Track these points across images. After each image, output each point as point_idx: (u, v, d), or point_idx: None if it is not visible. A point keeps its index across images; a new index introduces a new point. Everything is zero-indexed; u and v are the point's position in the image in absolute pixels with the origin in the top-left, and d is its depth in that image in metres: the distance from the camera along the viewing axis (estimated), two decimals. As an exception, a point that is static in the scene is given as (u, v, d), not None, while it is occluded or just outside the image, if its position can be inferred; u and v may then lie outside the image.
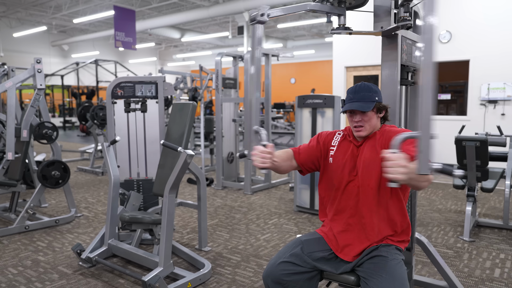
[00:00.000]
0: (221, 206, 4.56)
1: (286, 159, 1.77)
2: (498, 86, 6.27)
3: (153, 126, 3.51)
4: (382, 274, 1.50)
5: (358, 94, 1.66)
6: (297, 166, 1.81)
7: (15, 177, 3.91)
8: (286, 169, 1.78)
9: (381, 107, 1.68)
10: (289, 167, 1.80)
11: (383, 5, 1.94)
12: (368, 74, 7.68)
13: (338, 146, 1.76)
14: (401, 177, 1.24)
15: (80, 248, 2.91)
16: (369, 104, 1.63)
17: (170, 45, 21.62)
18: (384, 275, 1.50)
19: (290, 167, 1.81)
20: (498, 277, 2.70)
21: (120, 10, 11.20)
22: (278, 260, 1.64)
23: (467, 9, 6.46)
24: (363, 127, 1.66)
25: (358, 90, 1.67)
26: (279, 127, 11.77)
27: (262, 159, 1.53)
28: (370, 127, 1.66)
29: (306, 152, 1.81)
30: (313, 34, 17.08)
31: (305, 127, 4.31)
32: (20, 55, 16.46)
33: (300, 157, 1.80)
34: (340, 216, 1.70)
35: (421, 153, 1.13)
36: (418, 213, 4.21)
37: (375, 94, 1.66)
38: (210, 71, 6.45)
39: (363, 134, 1.67)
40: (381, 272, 1.51)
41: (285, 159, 1.77)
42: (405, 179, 1.25)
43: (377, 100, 1.66)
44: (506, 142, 3.86)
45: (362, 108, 1.62)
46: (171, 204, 2.53)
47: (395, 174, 1.24)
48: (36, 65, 3.70)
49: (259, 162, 1.53)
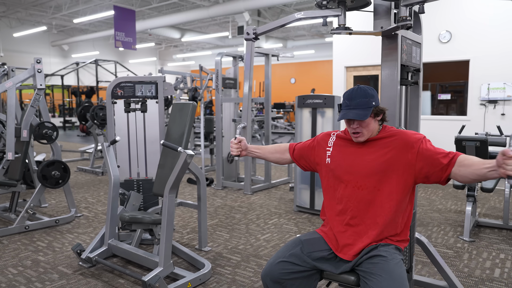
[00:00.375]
0: (221, 206, 4.56)
1: (274, 152, 1.98)
2: (498, 86, 6.27)
3: (153, 126, 3.50)
4: (382, 274, 1.50)
5: (355, 100, 1.62)
6: (291, 160, 1.96)
7: (15, 177, 3.91)
8: (275, 160, 1.98)
9: (378, 111, 1.65)
10: (280, 159, 1.98)
11: (383, 5, 1.94)
12: (368, 74, 7.68)
13: (334, 147, 1.77)
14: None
15: (80, 248, 2.91)
16: (366, 112, 1.60)
17: (170, 45, 21.62)
18: (384, 275, 1.50)
19: (282, 160, 1.98)
20: (498, 277, 2.70)
21: (120, 10, 11.19)
22: (277, 259, 1.64)
23: (467, 9, 6.46)
24: (361, 133, 1.66)
25: (354, 96, 1.63)
26: (279, 127, 11.76)
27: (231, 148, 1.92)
28: (368, 132, 1.66)
29: (300, 149, 1.91)
30: (313, 34, 17.08)
31: (305, 127, 4.31)
32: (20, 55, 16.46)
33: (294, 153, 1.93)
34: (341, 216, 1.70)
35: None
36: (418, 213, 4.21)
37: (371, 99, 1.63)
38: (210, 71, 6.45)
39: (361, 140, 1.67)
40: (381, 272, 1.51)
41: (272, 151, 1.98)
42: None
43: (374, 105, 1.63)
44: (506, 142, 3.86)
45: (359, 117, 1.59)
46: (171, 204, 2.53)
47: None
48: (36, 65, 3.70)
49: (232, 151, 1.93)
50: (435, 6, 6.64)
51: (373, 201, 1.64)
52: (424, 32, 2.36)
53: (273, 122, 11.41)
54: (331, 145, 1.78)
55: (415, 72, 2.29)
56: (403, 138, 1.64)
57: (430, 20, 6.63)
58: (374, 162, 1.63)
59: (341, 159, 1.72)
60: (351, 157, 1.70)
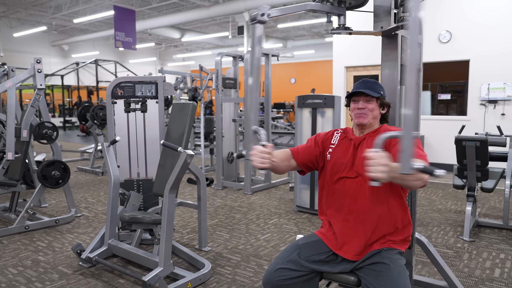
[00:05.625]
0: (221, 206, 4.56)
1: (284, 159, 1.79)
2: (498, 86, 6.27)
3: (153, 126, 3.51)
4: (386, 284, 1.51)
5: (366, 84, 1.73)
6: (296, 166, 1.83)
7: (15, 177, 3.91)
8: (284, 169, 1.80)
9: (384, 102, 1.75)
10: (287, 167, 1.81)
11: (383, 5, 1.94)
12: (368, 74, 7.67)
13: (337, 144, 1.79)
14: (381, 175, 1.25)
15: (80, 248, 2.91)
16: (374, 92, 1.69)
17: (170, 45, 21.62)
18: (388, 285, 1.50)
19: (288, 167, 1.82)
20: (498, 277, 2.70)
21: (120, 10, 11.19)
22: (275, 266, 1.65)
23: (467, 9, 6.45)
24: (365, 114, 1.70)
25: (365, 81, 1.75)
26: (279, 127, 11.76)
27: (261, 159, 1.52)
28: (372, 117, 1.70)
29: (304, 152, 1.83)
30: (313, 34, 17.08)
31: (305, 127, 4.31)
32: (20, 55, 16.46)
33: (299, 156, 1.82)
34: (339, 212, 1.71)
35: (403, 152, 1.13)
36: (418, 213, 4.20)
37: (380, 88, 1.75)
38: (210, 71, 6.45)
39: (364, 121, 1.70)
40: (384, 281, 1.52)
41: (283, 159, 1.78)
42: (386, 177, 1.25)
43: (382, 94, 1.72)
44: (506, 142, 3.86)
45: (369, 92, 1.68)
46: (171, 204, 2.53)
47: (375, 172, 1.25)
48: (36, 65, 3.70)
49: (258, 162, 1.52)
50: (435, 6, 6.64)
51: (368, 197, 1.64)
52: (424, 32, 2.36)
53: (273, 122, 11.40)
54: (334, 143, 1.80)
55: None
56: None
57: (430, 20, 6.63)
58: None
59: (341, 156, 1.74)
60: (348, 152, 1.72)
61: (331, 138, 1.82)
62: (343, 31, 1.93)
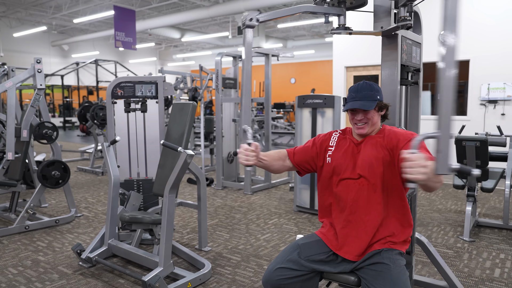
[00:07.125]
0: (221, 206, 4.56)
1: (278, 159, 1.80)
2: (498, 86, 6.27)
3: (153, 126, 3.50)
4: (386, 284, 1.51)
5: (360, 93, 1.68)
6: (292, 166, 1.84)
7: (15, 177, 3.91)
8: (278, 168, 1.81)
9: (382, 105, 1.71)
10: (282, 167, 1.83)
11: (383, 5, 1.94)
12: (368, 74, 7.67)
13: (336, 146, 1.78)
14: (421, 177, 1.23)
15: (80, 248, 2.91)
16: (371, 103, 1.65)
17: (170, 45, 21.61)
18: (388, 285, 1.51)
19: (283, 167, 1.83)
20: (498, 277, 2.70)
21: (120, 10, 11.19)
22: (275, 266, 1.65)
23: (467, 9, 6.45)
24: (366, 124, 1.68)
25: (360, 89, 1.69)
26: (279, 127, 11.76)
27: (246, 156, 1.59)
28: (372, 125, 1.69)
29: (301, 153, 1.83)
30: (313, 34, 17.08)
31: (305, 127, 4.31)
32: (20, 55, 16.46)
33: (295, 158, 1.83)
34: (341, 213, 1.71)
35: (440, 153, 1.12)
36: (418, 213, 4.20)
37: (376, 93, 1.68)
38: (210, 71, 6.45)
39: (364, 132, 1.69)
40: (384, 282, 1.52)
41: (276, 158, 1.80)
42: (425, 179, 1.24)
43: (378, 99, 1.68)
44: (506, 142, 3.86)
45: (364, 107, 1.64)
46: (171, 204, 2.53)
47: (415, 174, 1.24)
48: (36, 65, 3.70)
49: (243, 159, 1.59)
50: (435, 6, 6.64)
51: (370, 198, 1.64)
52: (424, 32, 2.36)
53: (273, 122, 11.41)
54: (333, 145, 1.79)
55: (415, 72, 2.29)
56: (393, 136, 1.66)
57: (430, 20, 6.63)
58: (370, 159, 1.65)
59: (342, 157, 1.73)
60: (350, 154, 1.71)
61: (329, 140, 1.81)
62: (343, 31, 1.93)
